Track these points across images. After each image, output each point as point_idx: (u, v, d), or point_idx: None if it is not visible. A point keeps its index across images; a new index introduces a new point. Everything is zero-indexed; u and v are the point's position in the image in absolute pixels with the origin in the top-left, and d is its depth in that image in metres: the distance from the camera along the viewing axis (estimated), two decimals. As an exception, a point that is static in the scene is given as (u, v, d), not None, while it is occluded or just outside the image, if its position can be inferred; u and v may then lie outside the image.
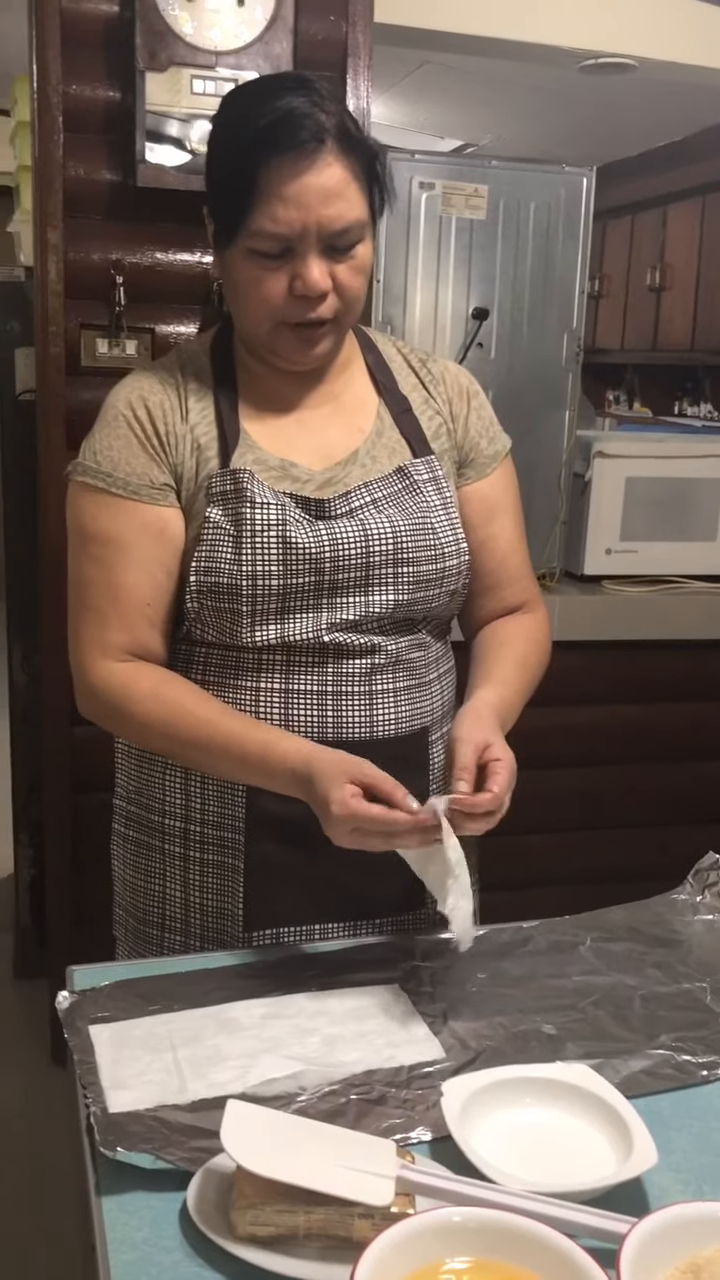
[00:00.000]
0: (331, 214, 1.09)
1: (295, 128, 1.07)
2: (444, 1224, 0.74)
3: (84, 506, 1.20)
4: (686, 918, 1.26)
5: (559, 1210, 0.78)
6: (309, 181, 1.08)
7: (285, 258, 1.11)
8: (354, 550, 1.17)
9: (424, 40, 3.06)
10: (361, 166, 1.12)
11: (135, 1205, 0.82)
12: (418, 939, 1.20)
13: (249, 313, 1.16)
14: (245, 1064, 0.97)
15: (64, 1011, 1.05)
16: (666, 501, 2.52)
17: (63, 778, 2.33)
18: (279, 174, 1.08)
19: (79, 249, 2.16)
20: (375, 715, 1.22)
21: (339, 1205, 0.77)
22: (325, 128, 1.09)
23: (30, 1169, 2.17)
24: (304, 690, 1.20)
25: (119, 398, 1.21)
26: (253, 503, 1.15)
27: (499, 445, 1.32)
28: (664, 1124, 0.92)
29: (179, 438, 1.19)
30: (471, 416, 1.30)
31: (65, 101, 2.09)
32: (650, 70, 3.24)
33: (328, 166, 1.09)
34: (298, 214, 1.08)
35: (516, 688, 1.24)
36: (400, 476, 1.23)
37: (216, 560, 1.16)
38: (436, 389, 1.29)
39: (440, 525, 1.22)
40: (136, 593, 1.18)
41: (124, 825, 1.32)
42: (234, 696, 1.21)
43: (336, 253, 1.12)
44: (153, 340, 2.24)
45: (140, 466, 1.18)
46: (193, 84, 2.07)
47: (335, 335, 1.19)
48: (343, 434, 1.23)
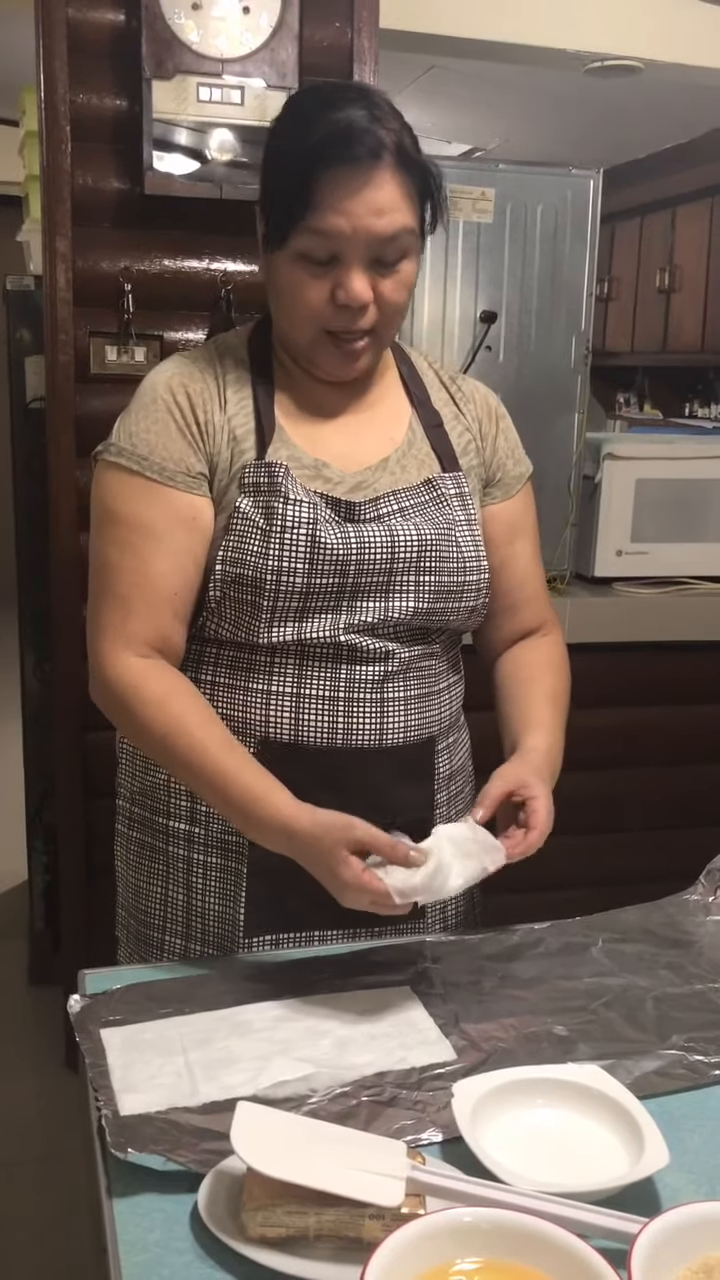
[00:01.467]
0: (381, 225, 1.10)
1: (354, 141, 1.08)
2: (455, 1224, 0.74)
3: (114, 488, 1.18)
4: (698, 919, 1.25)
5: (570, 1211, 0.78)
6: (363, 196, 1.09)
7: (331, 265, 1.12)
8: (380, 554, 1.18)
9: (430, 45, 3.07)
10: (416, 185, 1.13)
11: (147, 1207, 0.82)
12: (428, 941, 1.20)
13: (291, 317, 1.17)
14: (256, 1066, 0.97)
15: (75, 1015, 1.05)
16: (677, 503, 2.51)
17: (75, 784, 2.34)
18: (334, 185, 1.09)
19: (87, 257, 2.18)
20: (385, 723, 1.22)
21: (350, 1206, 0.77)
22: (384, 144, 1.10)
23: (44, 1173, 2.18)
24: (316, 695, 1.19)
25: (159, 381, 1.20)
26: (286, 498, 1.15)
27: (523, 468, 1.34)
28: (676, 1124, 0.92)
29: (217, 427, 1.19)
30: (500, 438, 1.32)
31: (72, 111, 2.10)
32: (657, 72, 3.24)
33: (384, 184, 1.10)
34: (347, 223, 1.10)
35: (558, 729, 1.24)
36: (428, 488, 1.23)
37: (244, 552, 1.16)
38: (466, 407, 1.31)
39: (464, 540, 1.23)
40: (165, 582, 1.17)
41: (127, 826, 1.32)
42: (245, 699, 1.21)
43: (382, 266, 1.13)
44: (161, 347, 2.25)
45: (177, 453, 1.17)
46: (199, 91, 2.08)
47: (374, 350, 1.20)
48: (375, 441, 1.24)
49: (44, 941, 2.70)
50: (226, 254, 2.26)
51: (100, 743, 2.36)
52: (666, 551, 2.51)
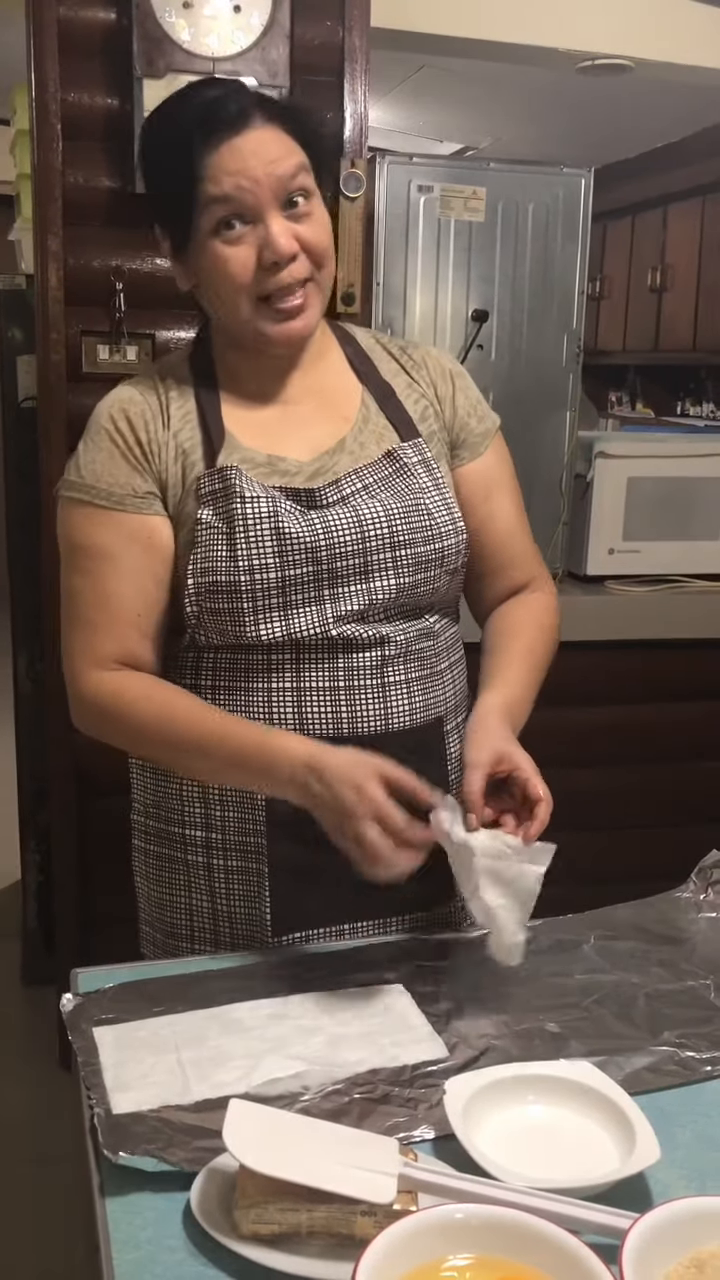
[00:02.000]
0: (274, 169, 1.12)
1: (218, 110, 1.12)
2: (446, 1221, 0.74)
3: (71, 521, 1.20)
4: (690, 915, 1.26)
5: (562, 1206, 0.78)
6: (243, 145, 1.11)
7: (246, 231, 1.13)
8: (349, 537, 1.18)
9: (421, 44, 3.07)
10: (292, 127, 1.15)
11: (139, 1205, 0.82)
12: (421, 939, 1.20)
13: (225, 296, 1.17)
14: (249, 1064, 0.97)
15: (68, 1014, 1.05)
16: (669, 501, 2.52)
17: (68, 784, 2.34)
18: (214, 148, 1.11)
19: (79, 256, 2.17)
20: (390, 708, 1.21)
21: (342, 1203, 0.77)
22: (249, 102, 1.13)
23: (38, 1173, 2.18)
24: (316, 688, 1.19)
25: (101, 412, 1.22)
26: (242, 498, 1.16)
27: (489, 423, 1.32)
28: (667, 1120, 0.92)
29: (161, 444, 1.19)
30: (458, 397, 1.30)
31: (64, 109, 2.10)
32: (648, 71, 3.25)
33: (257, 129, 1.12)
34: (244, 178, 1.11)
35: (524, 682, 1.23)
36: (389, 461, 1.23)
37: (213, 560, 1.16)
38: (419, 373, 1.30)
39: (434, 506, 1.23)
40: (126, 602, 1.18)
41: (144, 840, 1.31)
42: (245, 699, 1.20)
43: (293, 208, 1.14)
44: (153, 346, 2.25)
45: (123, 477, 1.18)
46: (190, 90, 2.08)
47: (314, 302, 1.19)
48: (328, 424, 1.24)
49: (37, 941, 2.70)
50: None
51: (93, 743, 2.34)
52: (658, 550, 2.52)
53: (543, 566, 1.37)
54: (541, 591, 1.35)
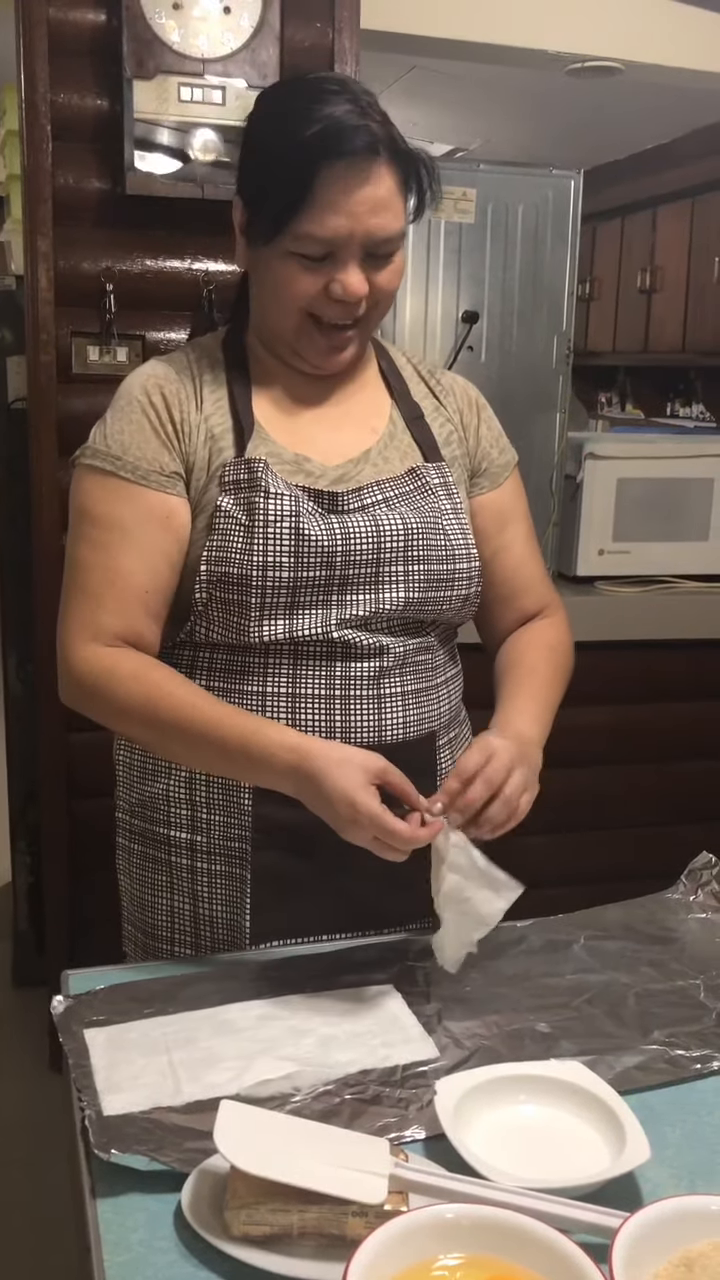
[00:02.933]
0: (378, 224, 1.11)
1: (350, 136, 1.09)
2: (437, 1221, 0.74)
3: (89, 489, 1.18)
4: (680, 916, 1.26)
5: (552, 1206, 0.78)
6: (364, 192, 1.10)
7: (325, 261, 1.12)
8: (365, 544, 1.17)
9: (411, 46, 3.07)
10: (407, 176, 1.14)
11: (130, 1207, 0.82)
12: (410, 940, 1.20)
13: (279, 308, 1.17)
14: (240, 1065, 0.97)
15: (59, 1016, 1.05)
16: (658, 502, 2.53)
17: (59, 785, 2.34)
18: (334, 182, 1.09)
19: (69, 257, 2.17)
20: (384, 719, 1.21)
21: (333, 1204, 0.77)
22: (378, 138, 1.10)
23: (28, 1176, 2.17)
24: (312, 693, 1.19)
25: (134, 384, 1.20)
26: (266, 492, 1.15)
27: (509, 456, 1.35)
28: (657, 1119, 0.93)
29: (193, 426, 1.18)
30: (482, 428, 1.32)
31: (53, 110, 2.10)
32: (637, 73, 3.26)
33: (380, 179, 1.10)
34: (346, 223, 1.10)
35: (531, 711, 1.20)
36: (412, 477, 1.23)
37: (228, 550, 1.15)
38: (447, 399, 1.31)
39: (451, 528, 1.23)
40: (136, 579, 1.16)
41: (128, 839, 1.30)
42: (240, 701, 1.20)
43: (376, 260, 1.14)
44: (143, 347, 2.24)
45: (151, 452, 1.17)
46: (180, 91, 2.08)
47: (360, 340, 1.20)
48: (356, 433, 1.24)
49: (28, 943, 2.69)
50: (208, 254, 2.26)
51: (84, 744, 2.36)
52: (648, 550, 2.52)
53: (554, 594, 1.38)
54: (552, 617, 1.35)
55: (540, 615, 1.35)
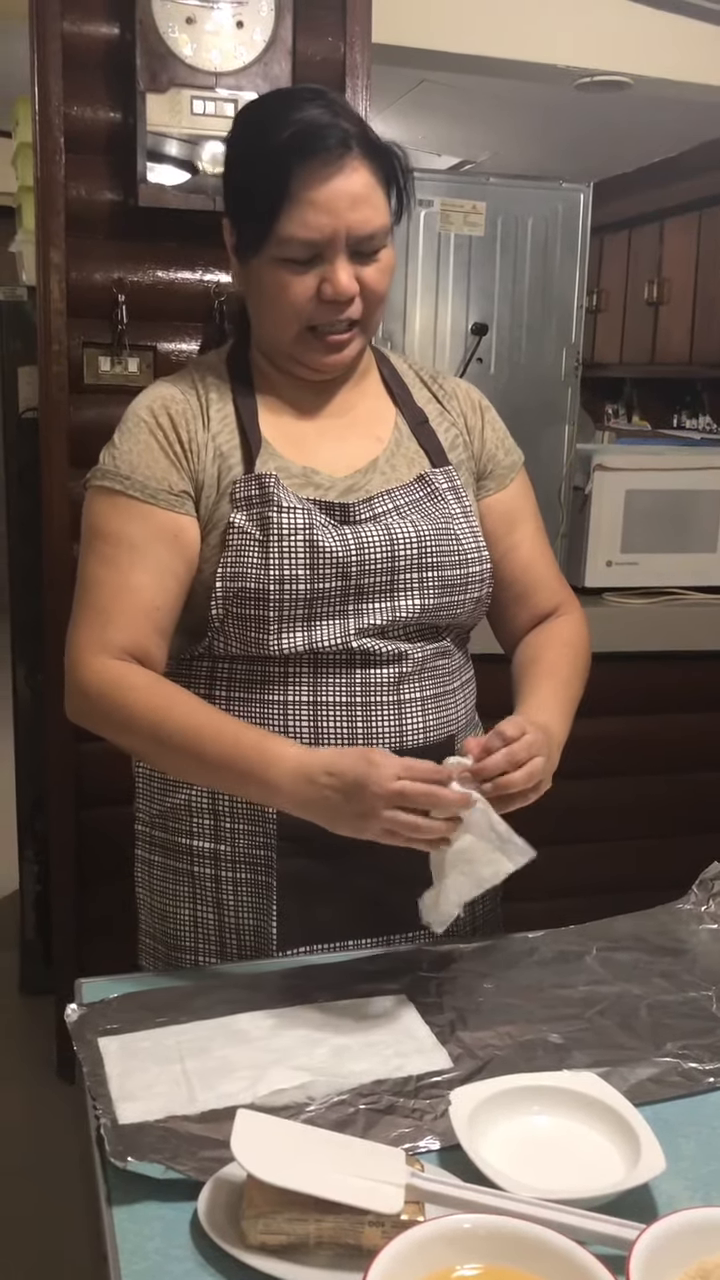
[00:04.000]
0: (359, 219, 1.12)
1: (322, 135, 1.11)
2: (454, 1231, 0.74)
3: (99, 509, 1.19)
4: (692, 927, 1.26)
5: (568, 1217, 0.78)
6: (338, 186, 1.11)
7: (313, 264, 1.14)
8: (379, 554, 1.18)
9: (421, 60, 3.09)
10: (384, 172, 1.15)
11: (146, 1215, 0.83)
12: (423, 950, 1.20)
13: (275, 319, 1.18)
14: (254, 1075, 0.97)
15: (73, 1024, 1.05)
16: (666, 514, 2.53)
17: (66, 793, 2.34)
18: (309, 180, 1.10)
19: (81, 268, 2.18)
20: (404, 725, 1.22)
21: (349, 1213, 0.77)
22: (350, 134, 1.12)
23: (35, 1184, 2.17)
24: (332, 702, 1.20)
25: (141, 405, 1.22)
26: (279, 507, 1.16)
27: (515, 456, 1.35)
28: (671, 1131, 0.92)
29: (201, 445, 1.20)
30: (487, 429, 1.33)
31: (66, 123, 2.11)
32: (645, 88, 3.27)
33: (355, 171, 1.12)
34: (328, 219, 1.11)
35: (550, 707, 1.20)
36: (421, 484, 1.24)
37: (244, 565, 1.16)
38: (450, 403, 1.32)
39: (462, 532, 1.24)
40: (144, 595, 1.17)
41: (148, 851, 1.30)
42: (261, 710, 1.20)
43: (362, 257, 1.15)
44: (155, 358, 2.25)
45: (159, 471, 1.18)
46: (193, 105, 2.10)
47: (359, 341, 1.21)
48: (362, 443, 1.25)
49: (35, 951, 2.69)
50: (220, 265, 2.27)
51: (92, 752, 2.36)
52: (656, 562, 2.53)
53: (568, 590, 1.38)
54: (567, 615, 1.35)
55: (556, 613, 1.35)
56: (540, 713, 1.18)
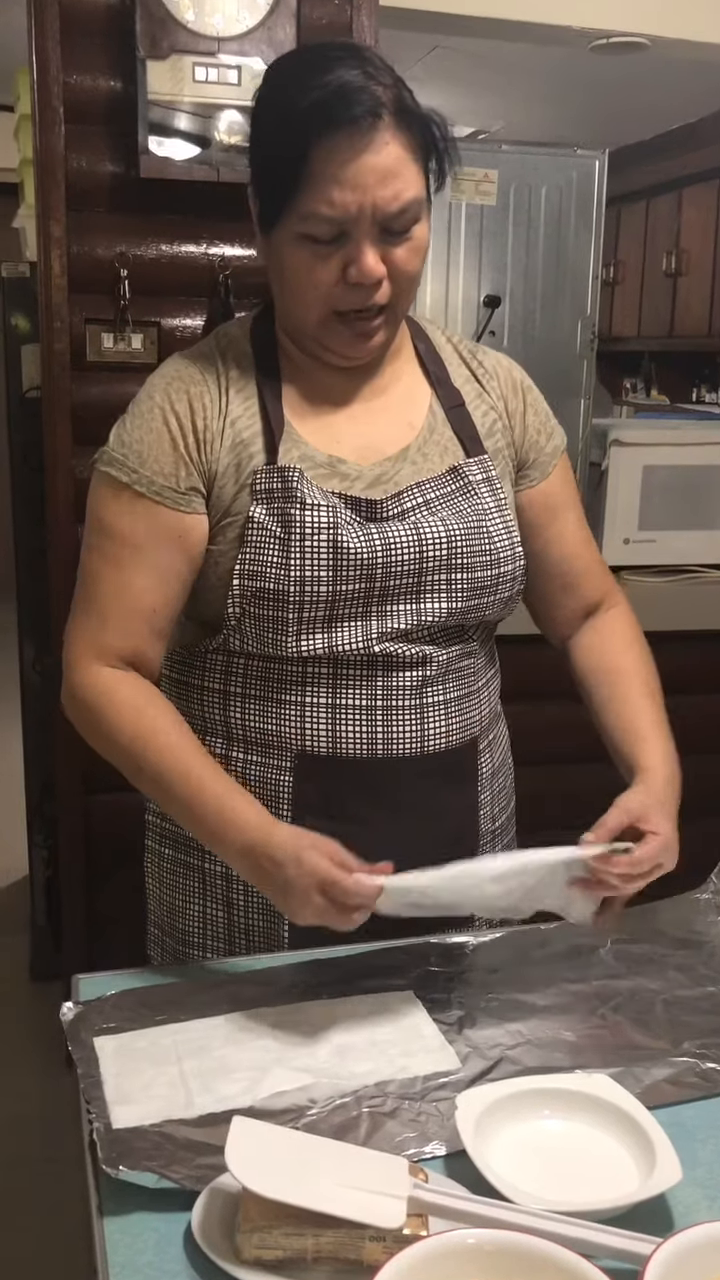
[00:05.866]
0: (388, 195, 1.02)
1: (349, 102, 1.00)
2: (458, 1246, 0.71)
3: (104, 498, 1.14)
4: (710, 918, 1.22)
5: (579, 1231, 0.75)
6: (365, 161, 1.01)
7: (338, 242, 1.04)
8: (407, 555, 1.12)
9: (432, 23, 3.01)
10: (419, 140, 1.05)
11: (139, 1227, 0.79)
12: (433, 943, 1.16)
13: (297, 302, 1.10)
14: (254, 1076, 0.94)
15: (68, 1023, 1.02)
16: (685, 490, 2.47)
17: (75, 778, 2.31)
18: (333, 153, 1.01)
19: (82, 243, 2.14)
20: (426, 729, 1.17)
21: (349, 1227, 0.74)
22: (381, 101, 1.01)
23: (44, 1171, 2.16)
24: (352, 705, 1.15)
25: (157, 386, 1.15)
26: (302, 504, 1.09)
27: (557, 440, 1.27)
28: (688, 1136, 0.89)
29: (215, 435, 1.12)
30: (528, 413, 1.25)
31: (66, 92, 2.06)
32: (663, 49, 3.18)
33: (385, 144, 1.02)
34: (353, 196, 1.01)
35: (663, 727, 1.18)
36: (454, 477, 1.17)
37: (262, 564, 1.10)
38: (490, 383, 1.23)
39: (495, 530, 1.17)
40: (145, 597, 1.12)
41: (159, 843, 1.27)
42: (279, 712, 1.16)
43: (392, 235, 1.05)
44: (159, 334, 2.21)
45: (168, 466, 1.12)
46: (195, 71, 2.04)
47: (389, 325, 1.12)
48: (393, 429, 1.17)
49: (45, 937, 2.68)
50: (225, 238, 2.22)
51: (100, 736, 2.33)
52: (674, 539, 2.47)
53: (611, 579, 1.32)
54: (617, 607, 1.30)
55: (603, 606, 1.29)
56: (664, 765, 1.15)
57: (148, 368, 2.23)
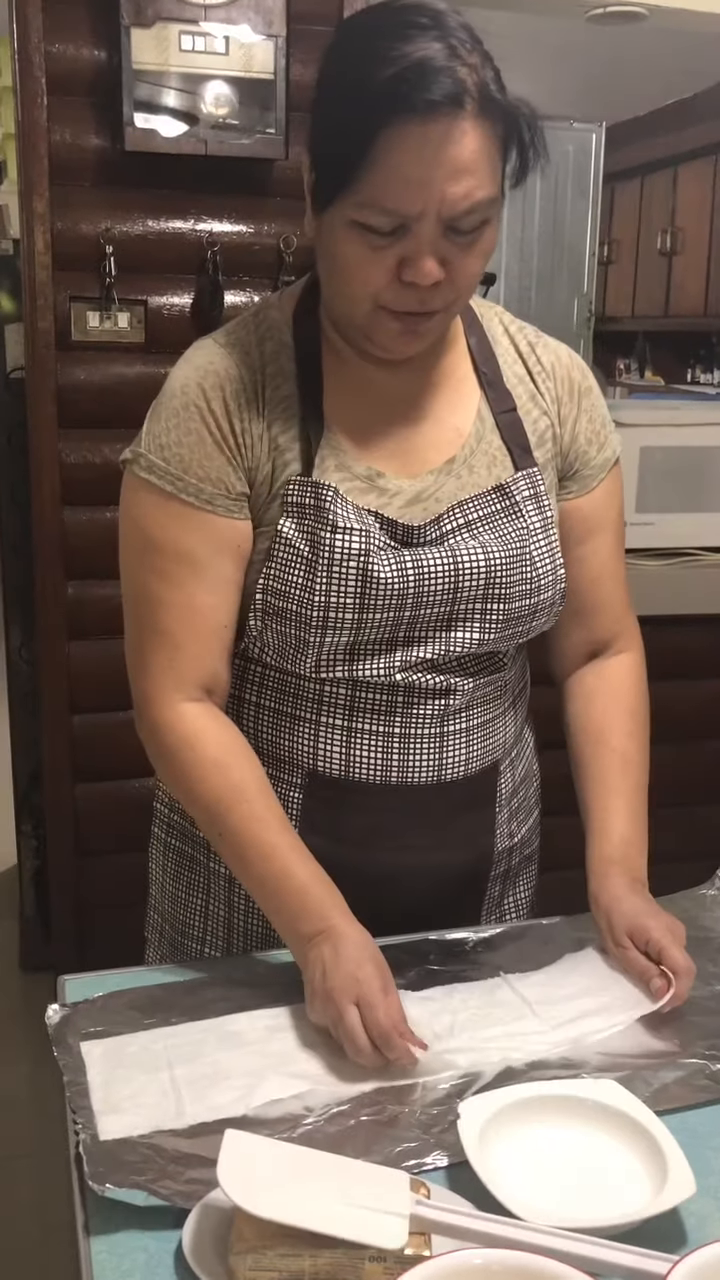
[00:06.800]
0: (459, 193, 0.91)
1: (428, 83, 0.87)
2: (463, 1266, 0.67)
3: (150, 511, 1.04)
4: (716, 914, 1.19)
5: (589, 1249, 0.71)
6: (438, 154, 0.89)
7: (396, 234, 0.93)
8: (441, 585, 1.04)
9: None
10: (501, 132, 0.93)
11: (126, 1246, 0.76)
12: (432, 941, 1.13)
13: (345, 292, 0.99)
14: (248, 1083, 0.90)
15: (54, 1027, 0.99)
16: (683, 472, 2.43)
17: (63, 766, 2.28)
18: (402, 141, 0.88)
19: (66, 218, 2.08)
20: (445, 759, 1.11)
21: (348, 1248, 0.70)
22: (465, 86, 0.89)
23: (37, 1164, 2.13)
24: (369, 730, 1.09)
25: (190, 379, 1.04)
26: (334, 527, 1.01)
27: (608, 452, 1.15)
28: (700, 1142, 0.85)
29: (255, 437, 1.04)
30: (581, 420, 1.13)
31: (48, 62, 2.00)
32: (661, 19, 3.11)
33: (463, 136, 0.89)
34: (419, 192, 0.90)
35: (631, 809, 1.14)
36: (499, 496, 1.08)
37: (287, 584, 1.03)
38: (545, 384, 1.12)
39: (539, 554, 1.08)
40: (214, 616, 1.05)
41: (165, 833, 1.22)
42: (292, 728, 1.10)
43: (458, 234, 0.93)
44: (145, 313, 2.16)
45: (215, 472, 1.03)
46: (181, 40, 1.98)
47: (440, 327, 1.03)
48: (439, 435, 1.08)
49: (35, 927, 2.64)
50: (213, 214, 2.17)
51: (88, 725, 2.29)
52: (673, 522, 2.43)
53: (631, 618, 1.23)
54: (628, 653, 1.22)
55: (612, 649, 1.21)
56: (623, 822, 1.13)
57: (135, 347, 2.20)
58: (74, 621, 2.26)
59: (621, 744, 1.17)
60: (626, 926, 1.05)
